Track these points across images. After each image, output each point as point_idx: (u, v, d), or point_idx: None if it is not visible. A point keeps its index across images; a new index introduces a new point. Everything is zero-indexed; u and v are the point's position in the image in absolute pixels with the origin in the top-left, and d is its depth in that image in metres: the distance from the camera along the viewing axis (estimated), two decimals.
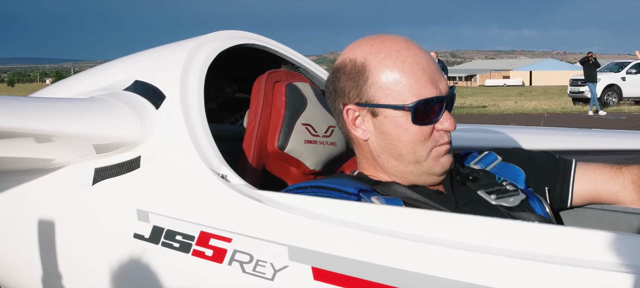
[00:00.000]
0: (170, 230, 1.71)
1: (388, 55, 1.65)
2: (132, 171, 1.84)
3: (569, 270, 1.20)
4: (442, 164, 1.69)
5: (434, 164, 1.68)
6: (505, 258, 1.27)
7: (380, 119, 1.67)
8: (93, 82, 2.17)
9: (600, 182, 1.86)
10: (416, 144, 1.66)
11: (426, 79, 1.64)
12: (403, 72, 1.63)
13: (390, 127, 1.66)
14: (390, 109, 1.65)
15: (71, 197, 1.96)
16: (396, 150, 1.68)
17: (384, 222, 1.44)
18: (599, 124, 16.87)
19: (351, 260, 1.42)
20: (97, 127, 1.86)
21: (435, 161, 1.68)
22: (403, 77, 1.63)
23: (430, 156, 1.67)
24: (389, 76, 1.64)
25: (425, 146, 1.66)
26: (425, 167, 1.68)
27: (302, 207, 1.56)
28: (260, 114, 1.92)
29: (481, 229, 1.36)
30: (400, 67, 1.64)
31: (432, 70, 1.66)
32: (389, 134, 1.67)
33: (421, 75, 1.64)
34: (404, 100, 1.63)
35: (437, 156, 1.68)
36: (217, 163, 1.73)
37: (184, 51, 1.96)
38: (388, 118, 1.66)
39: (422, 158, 1.67)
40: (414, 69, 1.64)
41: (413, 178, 1.71)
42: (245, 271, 1.55)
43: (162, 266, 1.73)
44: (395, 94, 1.64)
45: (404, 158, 1.68)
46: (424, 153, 1.66)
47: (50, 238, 1.96)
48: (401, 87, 1.63)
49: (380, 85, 1.65)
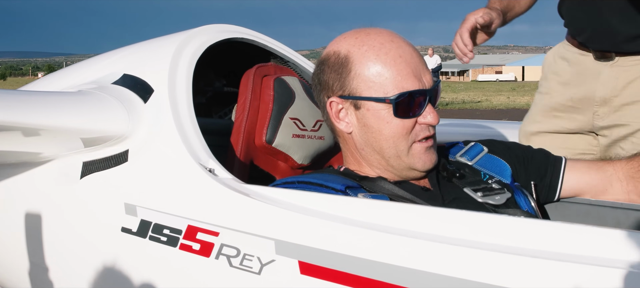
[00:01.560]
0: (158, 224, 1.70)
1: (371, 48, 1.65)
2: (120, 165, 1.84)
3: (556, 265, 1.20)
4: (423, 161, 1.69)
5: (415, 160, 1.68)
6: (492, 253, 1.27)
7: (363, 112, 1.67)
8: (82, 75, 2.16)
9: (589, 177, 1.87)
10: (397, 137, 1.66)
11: (409, 71, 1.64)
12: (386, 65, 1.64)
13: (372, 120, 1.67)
14: (372, 101, 1.65)
15: (59, 191, 1.96)
16: (378, 143, 1.68)
17: (370, 216, 1.45)
18: None
19: (338, 254, 1.42)
20: (85, 120, 1.85)
21: (417, 158, 1.68)
22: (385, 69, 1.64)
23: (410, 151, 1.67)
24: (372, 69, 1.64)
25: (407, 140, 1.67)
26: (407, 162, 1.68)
27: (289, 201, 1.56)
28: (248, 108, 1.91)
29: (468, 224, 1.36)
30: (383, 60, 1.64)
31: (415, 63, 1.67)
32: (370, 126, 1.68)
33: (404, 68, 1.64)
34: (386, 93, 1.63)
35: (418, 152, 1.68)
36: (204, 157, 1.73)
37: (173, 45, 1.96)
38: (370, 111, 1.66)
39: (402, 153, 1.67)
40: (396, 61, 1.64)
41: (396, 173, 1.71)
42: (232, 265, 1.55)
43: (149, 260, 1.73)
44: (378, 86, 1.64)
45: (385, 152, 1.68)
46: (405, 147, 1.67)
47: (39, 231, 1.96)
48: (383, 79, 1.64)
49: (363, 77, 1.65)
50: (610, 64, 2.33)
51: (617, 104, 2.33)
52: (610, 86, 2.33)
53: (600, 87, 2.35)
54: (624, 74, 2.31)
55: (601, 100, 2.35)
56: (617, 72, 2.32)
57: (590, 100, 2.38)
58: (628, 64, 2.31)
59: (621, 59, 2.32)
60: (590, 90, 2.38)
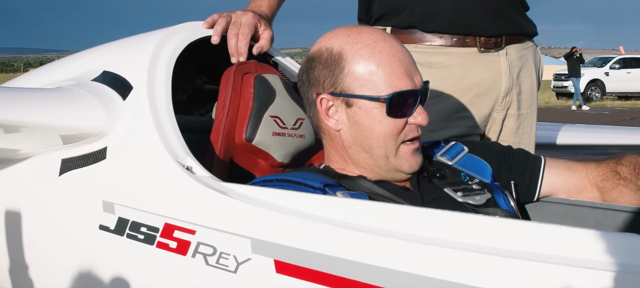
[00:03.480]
0: (135, 221, 1.70)
1: (365, 46, 1.65)
2: (99, 162, 1.83)
3: (535, 265, 1.20)
4: (410, 164, 1.69)
5: (402, 163, 1.68)
6: (471, 253, 1.27)
7: (354, 110, 1.66)
8: (63, 72, 2.15)
9: (567, 176, 1.88)
10: (388, 137, 1.65)
11: (402, 71, 1.64)
12: (379, 63, 1.63)
13: (364, 118, 1.66)
14: (365, 99, 1.64)
15: (38, 188, 1.94)
16: (368, 142, 1.67)
17: (348, 215, 1.44)
18: (582, 119, 16.96)
19: (313, 253, 1.41)
20: (62, 117, 1.84)
21: (404, 160, 1.68)
22: (379, 68, 1.63)
23: (398, 153, 1.67)
24: (366, 67, 1.64)
25: (396, 140, 1.66)
26: (394, 163, 1.68)
27: (266, 199, 1.55)
28: (228, 106, 1.90)
29: (447, 224, 1.36)
30: (376, 58, 1.63)
31: (408, 63, 1.66)
32: (361, 125, 1.67)
33: (397, 67, 1.64)
34: (380, 92, 1.63)
35: (406, 155, 1.68)
36: (182, 154, 1.72)
37: (153, 42, 1.94)
38: (362, 109, 1.65)
39: (391, 154, 1.67)
40: (390, 60, 1.64)
41: (381, 173, 1.70)
42: (208, 263, 1.54)
43: (127, 258, 1.72)
44: (371, 84, 1.63)
45: (374, 152, 1.67)
46: (394, 148, 1.66)
47: (17, 229, 1.95)
48: (377, 78, 1.63)
49: (356, 75, 1.64)
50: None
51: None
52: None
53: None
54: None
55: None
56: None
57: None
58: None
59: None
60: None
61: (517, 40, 2.42)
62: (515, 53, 2.41)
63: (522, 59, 2.43)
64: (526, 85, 2.46)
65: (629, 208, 1.77)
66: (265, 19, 2.15)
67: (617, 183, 1.80)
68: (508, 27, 2.38)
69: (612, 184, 1.81)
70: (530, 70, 2.48)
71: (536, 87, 2.53)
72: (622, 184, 1.80)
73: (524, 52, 2.44)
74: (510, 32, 2.39)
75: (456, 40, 2.35)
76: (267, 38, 2.12)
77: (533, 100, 2.51)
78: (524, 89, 2.45)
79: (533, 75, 2.49)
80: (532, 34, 2.50)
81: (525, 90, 2.46)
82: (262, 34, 2.12)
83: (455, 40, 2.35)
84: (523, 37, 2.45)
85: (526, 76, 2.46)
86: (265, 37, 2.12)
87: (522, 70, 2.43)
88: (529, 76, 2.47)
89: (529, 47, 2.48)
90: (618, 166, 1.82)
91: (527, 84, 2.47)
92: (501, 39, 2.36)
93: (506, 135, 2.45)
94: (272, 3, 2.26)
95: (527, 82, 2.47)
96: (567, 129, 3.90)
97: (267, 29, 2.13)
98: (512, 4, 2.39)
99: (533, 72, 2.49)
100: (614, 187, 1.81)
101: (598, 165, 1.86)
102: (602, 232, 1.22)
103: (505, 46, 2.38)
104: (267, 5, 2.23)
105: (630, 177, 1.79)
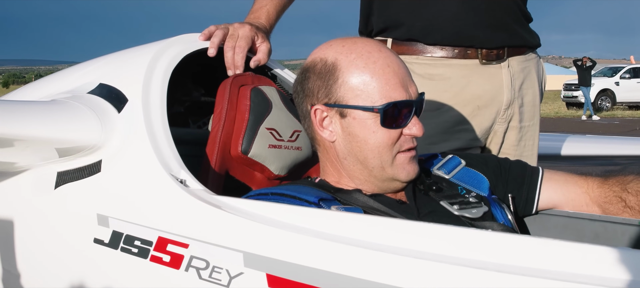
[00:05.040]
0: (129, 235, 1.68)
1: (359, 56, 1.64)
2: (93, 175, 1.82)
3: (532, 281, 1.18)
4: (407, 172, 1.67)
5: (399, 171, 1.66)
6: (467, 268, 1.24)
7: (348, 121, 1.65)
8: (61, 84, 2.14)
9: (566, 189, 1.85)
10: (383, 147, 1.64)
11: (397, 81, 1.63)
12: (374, 74, 1.62)
13: (358, 129, 1.65)
14: (359, 110, 1.63)
15: (34, 201, 1.94)
16: (362, 153, 1.66)
17: (341, 229, 1.42)
18: (592, 129, 16.88)
19: (306, 267, 1.40)
20: (55, 129, 1.83)
21: (401, 168, 1.66)
22: (373, 78, 1.62)
23: (395, 162, 1.65)
24: (360, 77, 1.63)
25: (391, 151, 1.65)
26: (390, 173, 1.66)
27: (260, 213, 1.54)
28: (224, 118, 1.89)
29: (442, 238, 1.34)
30: (371, 69, 1.62)
31: (402, 74, 1.65)
32: (356, 135, 1.65)
33: (392, 78, 1.63)
34: (374, 102, 1.62)
35: (402, 163, 1.66)
36: (176, 167, 1.71)
37: (149, 54, 1.94)
38: (356, 119, 1.64)
39: (387, 164, 1.65)
40: (385, 71, 1.63)
41: (377, 183, 1.69)
42: (201, 277, 1.53)
43: (121, 272, 1.71)
44: (365, 95, 1.62)
45: (369, 162, 1.66)
46: (389, 158, 1.65)
47: (12, 240, 1.94)
48: (371, 88, 1.62)
49: (350, 85, 1.63)
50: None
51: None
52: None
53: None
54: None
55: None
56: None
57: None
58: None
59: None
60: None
61: (520, 52, 2.40)
62: (517, 65, 2.39)
63: (525, 71, 2.42)
64: (528, 97, 2.44)
65: (629, 221, 1.75)
66: (263, 32, 2.14)
67: (622, 211, 1.77)
68: (510, 39, 2.37)
69: (617, 209, 1.77)
70: (533, 82, 2.46)
71: (539, 99, 2.51)
72: (628, 213, 1.76)
73: (526, 64, 2.42)
74: (512, 44, 2.38)
75: (457, 52, 2.33)
76: (264, 51, 2.11)
77: (535, 113, 2.49)
78: (526, 101, 2.43)
79: (536, 87, 2.47)
80: (535, 46, 2.49)
81: (527, 102, 2.44)
82: (259, 46, 2.11)
83: (456, 52, 2.33)
84: (526, 48, 2.43)
85: (528, 88, 2.44)
86: (262, 50, 2.11)
87: (524, 82, 2.41)
88: (532, 88, 2.45)
89: (532, 59, 2.46)
90: (624, 193, 1.77)
91: (530, 96, 2.45)
92: (503, 51, 2.35)
93: (508, 148, 2.43)
94: (270, 15, 2.25)
95: (530, 94, 2.45)
96: (574, 139, 3.87)
97: (265, 42, 2.12)
98: (514, 16, 2.38)
99: (536, 84, 2.47)
100: (618, 212, 1.78)
101: (601, 185, 1.82)
102: (600, 247, 1.21)
103: (508, 58, 2.36)
104: (265, 17, 2.23)
105: (637, 207, 1.75)
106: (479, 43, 2.32)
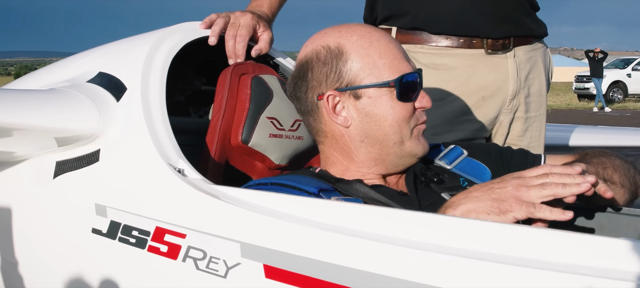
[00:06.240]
0: (127, 225, 1.67)
1: (361, 37, 1.65)
2: (92, 164, 1.80)
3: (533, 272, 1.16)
4: (423, 145, 1.68)
5: (416, 144, 1.67)
6: (467, 259, 1.22)
7: (364, 101, 1.64)
8: (61, 73, 2.12)
9: None
10: (402, 121, 1.64)
11: (402, 55, 1.66)
12: (380, 51, 1.63)
13: (375, 108, 1.64)
14: (374, 88, 1.63)
15: (33, 190, 1.93)
16: (382, 130, 1.64)
17: (340, 219, 1.40)
18: (604, 121, 16.79)
19: (303, 258, 1.38)
20: (53, 118, 1.82)
21: (417, 141, 1.67)
22: (382, 55, 1.63)
23: (412, 135, 1.66)
24: (368, 56, 1.63)
25: (409, 124, 1.65)
26: (408, 147, 1.66)
27: (258, 202, 1.52)
28: (224, 107, 1.87)
29: (441, 228, 1.32)
30: (376, 46, 1.64)
31: (402, 50, 1.69)
32: (374, 115, 1.64)
33: (397, 53, 1.65)
34: (388, 77, 1.62)
35: (418, 135, 1.67)
36: (174, 157, 1.69)
37: (149, 43, 1.92)
38: (372, 98, 1.63)
39: (406, 138, 1.65)
40: (389, 47, 1.65)
41: (394, 161, 1.68)
42: (198, 268, 1.51)
43: (118, 262, 1.69)
44: (378, 72, 1.63)
45: (389, 140, 1.65)
46: (408, 132, 1.65)
47: (10, 230, 1.93)
48: (381, 65, 1.63)
49: (361, 65, 1.63)
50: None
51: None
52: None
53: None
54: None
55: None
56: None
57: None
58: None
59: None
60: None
61: (526, 41, 2.38)
62: (523, 55, 2.36)
63: (531, 60, 2.39)
64: (535, 87, 2.41)
65: (635, 212, 1.72)
66: (264, 20, 2.11)
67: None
68: (516, 29, 2.34)
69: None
70: (539, 72, 2.43)
71: (545, 89, 2.48)
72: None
73: (532, 54, 2.40)
74: (518, 34, 2.35)
75: (463, 41, 2.31)
76: (266, 40, 2.09)
77: (542, 103, 2.46)
78: (532, 91, 2.40)
79: (542, 77, 2.44)
80: (542, 35, 2.46)
81: (533, 93, 2.41)
82: (261, 35, 2.09)
83: (461, 42, 2.31)
84: (532, 38, 2.40)
85: (535, 78, 2.41)
86: (264, 39, 2.09)
87: (530, 72, 2.39)
88: (538, 78, 2.42)
89: (538, 49, 2.43)
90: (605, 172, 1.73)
91: (536, 86, 2.42)
92: (509, 40, 2.32)
93: (513, 138, 2.40)
94: (273, 3, 2.22)
95: (536, 84, 2.42)
96: (582, 130, 3.84)
97: (266, 30, 2.10)
98: (520, 6, 2.35)
99: (542, 74, 2.44)
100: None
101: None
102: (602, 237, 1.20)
103: (513, 48, 2.33)
104: (267, 5, 2.20)
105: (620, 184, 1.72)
106: (484, 33, 2.30)
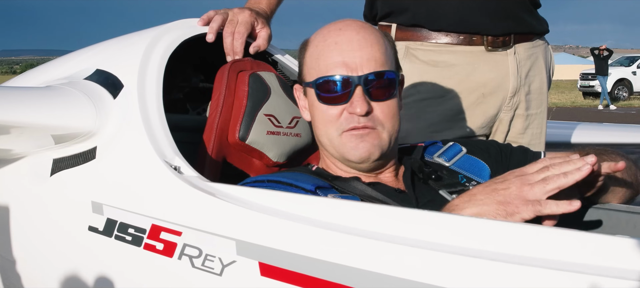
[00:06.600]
0: (123, 222, 1.66)
1: (319, 34, 1.67)
2: (88, 162, 1.79)
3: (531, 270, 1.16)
4: (359, 153, 1.63)
5: (347, 150, 1.64)
6: (464, 258, 1.22)
7: (309, 98, 1.69)
8: (59, 70, 2.11)
9: None
10: (326, 124, 1.65)
11: (338, 59, 1.61)
12: (319, 50, 1.65)
13: (312, 107, 1.69)
14: (308, 86, 1.68)
15: (30, 188, 1.92)
16: (317, 131, 1.70)
17: (335, 217, 1.39)
18: (609, 119, 16.75)
19: (299, 255, 1.37)
20: (49, 115, 1.81)
21: (348, 147, 1.63)
22: (319, 55, 1.65)
23: (342, 140, 1.63)
24: (312, 54, 1.67)
25: (334, 128, 1.64)
26: (341, 151, 1.65)
27: (254, 200, 1.51)
28: (221, 104, 1.86)
29: (439, 226, 1.31)
30: (320, 46, 1.65)
31: (351, 51, 1.61)
32: (312, 114, 1.70)
33: (334, 55, 1.62)
34: (315, 76, 1.65)
35: (349, 142, 1.63)
36: (170, 154, 1.68)
37: (146, 40, 1.91)
38: (308, 97, 1.69)
39: (334, 141, 1.65)
40: (329, 47, 1.63)
41: (344, 163, 1.68)
42: (194, 266, 1.51)
43: (115, 260, 1.69)
44: (314, 71, 1.65)
45: (322, 141, 1.69)
46: (335, 136, 1.64)
47: (8, 228, 1.93)
48: (315, 63, 1.65)
49: (307, 62, 1.68)
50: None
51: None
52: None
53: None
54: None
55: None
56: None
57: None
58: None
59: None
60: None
61: (527, 38, 2.36)
62: (524, 52, 2.35)
63: (532, 58, 2.37)
64: (536, 84, 2.40)
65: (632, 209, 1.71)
66: (263, 17, 2.11)
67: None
68: (516, 26, 2.32)
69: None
70: (540, 69, 2.41)
71: (546, 86, 2.47)
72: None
73: (533, 51, 2.38)
74: (518, 31, 2.33)
75: (463, 38, 2.29)
76: (264, 37, 2.08)
77: (542, 100, 2.44)
78: (533, 88, 2.39)
79: (543, 74, 2.43)
80: (543, 32, 2.44)
81: (534, 90, 2.40)
82: (259, 32, 2.08)
83: (461, 39, 2.29)
84: (533, 35, 2.39)
85: (535, 75, 2.39)
86: (262, 36, 2.08)
87: (531, 69, 2.37)
88: (539, 75, 2.41)
89: (539, 46, 2.41)
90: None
91: (537, 83, 2.41)
92: (509, 38, 2.31)
93: (514, 136, 2.39)
94: (271, 0, 2.21)
95: (537, 82, 2.40)
96: (585, 127, 3.82)
97: (265, 27, 2.09)
98: (521, 3, 2.34)
99: (543, 71, 2.43)
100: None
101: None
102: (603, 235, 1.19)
103: (514, 45, 2.32)
104: (266, 2, 2.19)
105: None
106: (484, 29, 2.28)
